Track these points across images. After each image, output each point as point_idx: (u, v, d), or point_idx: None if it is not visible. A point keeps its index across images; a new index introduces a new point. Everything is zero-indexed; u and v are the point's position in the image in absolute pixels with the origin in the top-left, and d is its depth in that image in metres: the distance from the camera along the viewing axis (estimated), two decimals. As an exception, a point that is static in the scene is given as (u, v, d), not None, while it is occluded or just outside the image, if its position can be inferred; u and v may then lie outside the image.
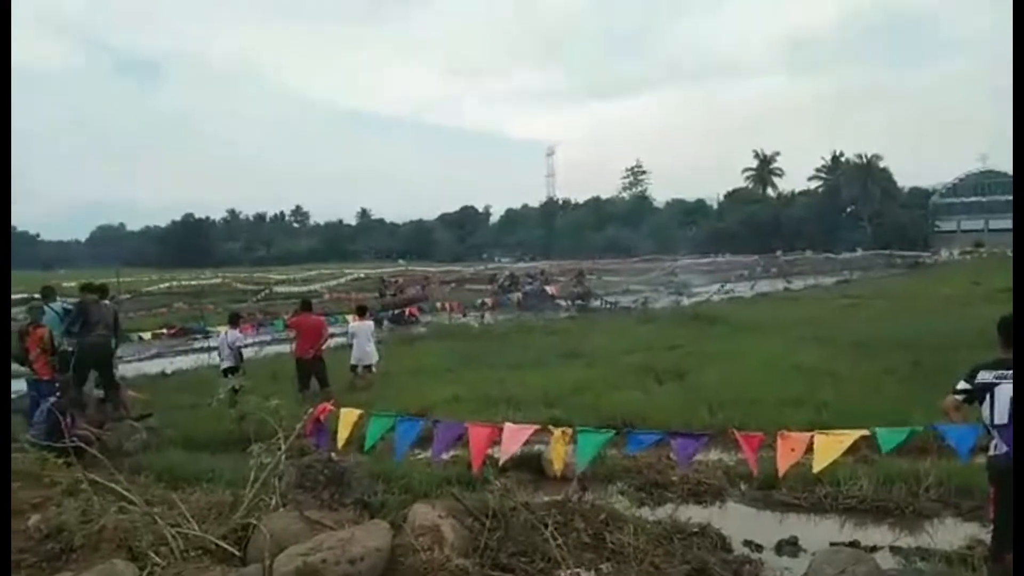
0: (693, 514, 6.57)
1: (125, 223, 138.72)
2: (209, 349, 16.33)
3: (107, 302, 11.63)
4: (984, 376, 4.76)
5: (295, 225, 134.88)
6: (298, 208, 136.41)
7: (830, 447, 4.58)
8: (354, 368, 13.35)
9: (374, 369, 13.48)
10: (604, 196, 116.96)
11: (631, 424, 8.72)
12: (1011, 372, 4.66)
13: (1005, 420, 4.62)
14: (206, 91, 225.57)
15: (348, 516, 5.46)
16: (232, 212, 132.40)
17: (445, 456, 7.59)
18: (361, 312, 14.76)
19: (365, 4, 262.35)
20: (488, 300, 28.34)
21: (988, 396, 4.70)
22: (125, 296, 31.53)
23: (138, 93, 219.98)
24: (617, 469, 7.75)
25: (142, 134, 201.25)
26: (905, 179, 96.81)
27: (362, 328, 13.58)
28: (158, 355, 19.45)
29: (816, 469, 4.65)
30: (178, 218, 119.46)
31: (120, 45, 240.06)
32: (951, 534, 6.12)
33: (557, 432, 5.37)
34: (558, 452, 5.39)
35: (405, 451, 5.83)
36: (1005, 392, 4.64)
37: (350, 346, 13.64)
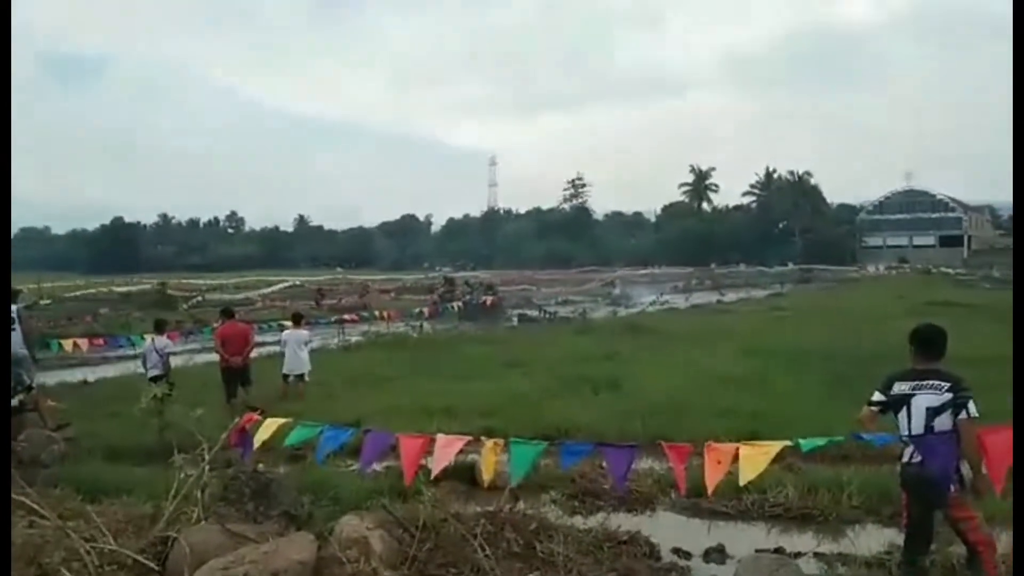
0: (623, 522, 6.62)
1: (51, 226, 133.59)
2: (135, 357, 15.72)
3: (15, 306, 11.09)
4: (900, 387, 4.89)
5: (229, 231, 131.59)
6: (233, 214, 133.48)
7: (755, 459, 4.65)
8: (286, 377, 13.07)
9: (307, 378, 13.21)
10: (545, 207, 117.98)
11: (567, 434, 8.76)
12: (927, 383, 4.80)
13: (921, 431, 4.76)
14: (141, 95, 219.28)
15: (273, 529, 5.30)
16: (164, 217, 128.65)
17: (376, 467, 7.49)
18: (296, 320, 14.46)
19: (312, 11, 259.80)
20: (426, 309, 28.11)
21: (904, 407, 4.84)
22: (46, 302, 30.37)
23: (67, 93, 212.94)
24: (550, 478, 7.75)
25: (70, 136, 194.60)
26: (834, 196, 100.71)
27: (295, 336, 13.29)
28: (81, 363, 18.76)
29: (742, 482, 4.73)
30: (107, 222, 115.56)
31: (48, 44, 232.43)
32: (871, 539, 6.29)
33: (488, 443, 5.35)
34: (488, 463, 5.38)
35: (324, 457, 5.71)
36: (920, 403, 4.77)
37: (282, 355, 13.35)
